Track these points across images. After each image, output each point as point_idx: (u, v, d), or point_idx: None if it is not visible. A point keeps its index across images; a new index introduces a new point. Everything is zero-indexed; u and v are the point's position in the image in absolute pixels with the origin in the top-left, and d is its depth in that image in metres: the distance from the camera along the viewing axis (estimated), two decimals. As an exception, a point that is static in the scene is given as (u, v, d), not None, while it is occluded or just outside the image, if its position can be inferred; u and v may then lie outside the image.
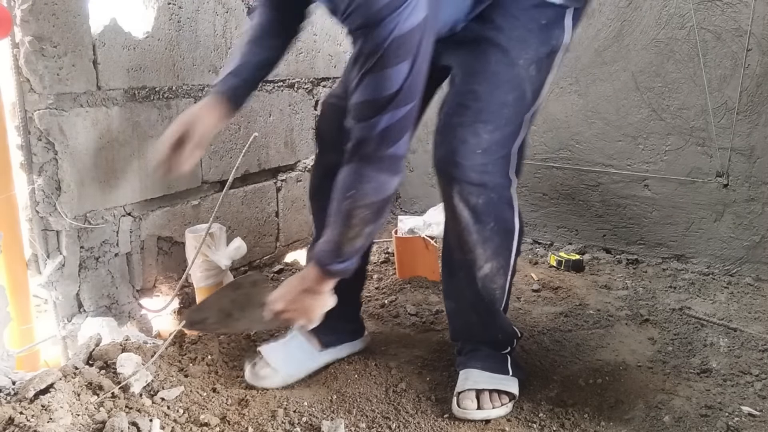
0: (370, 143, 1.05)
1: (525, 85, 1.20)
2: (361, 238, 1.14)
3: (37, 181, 1.44)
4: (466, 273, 1.30)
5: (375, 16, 0.94)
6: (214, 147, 1.89)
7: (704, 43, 2.00)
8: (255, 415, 1.29)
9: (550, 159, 2.36)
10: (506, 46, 1.17)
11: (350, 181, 1.09)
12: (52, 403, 1.19)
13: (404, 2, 0.94)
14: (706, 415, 1.31)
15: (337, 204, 1.12)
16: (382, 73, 0.99)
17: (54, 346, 1.51)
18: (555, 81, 2.25)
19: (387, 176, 1.09)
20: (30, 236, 1.46)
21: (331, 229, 1.14)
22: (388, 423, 1.28)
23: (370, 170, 1.08)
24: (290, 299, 1.22)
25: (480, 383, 1.33)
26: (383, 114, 1.02)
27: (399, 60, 0.97)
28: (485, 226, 1.23)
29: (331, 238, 1.14)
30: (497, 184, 1.23)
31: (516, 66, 1.18)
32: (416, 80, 1.02)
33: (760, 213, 2.03)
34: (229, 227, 1.94)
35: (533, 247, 2.39)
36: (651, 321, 1.76)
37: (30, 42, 1.36)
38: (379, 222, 1.14)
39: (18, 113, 1.39)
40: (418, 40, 0.98)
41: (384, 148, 1.06)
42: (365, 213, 1.10)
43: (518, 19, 1.17)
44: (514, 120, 1.21)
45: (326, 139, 1.42)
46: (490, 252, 1.26)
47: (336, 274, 1.18)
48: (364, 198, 1.09)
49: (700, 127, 2.07)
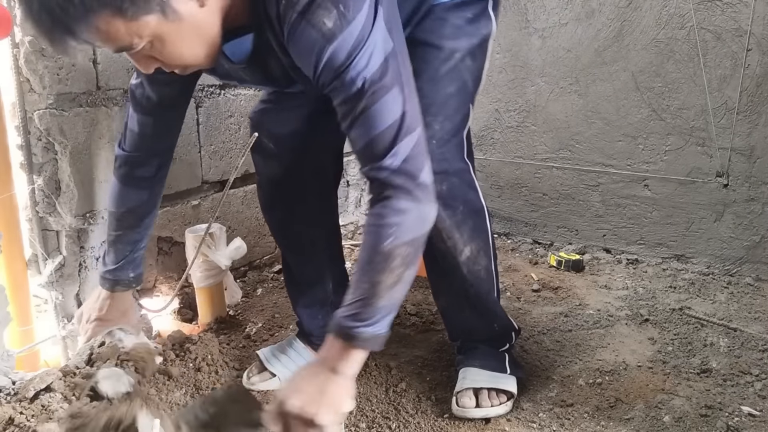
0: (396, 177, 0.96)
1: (465, 75, 1.24)
2: (401, 285, 0.98)
3: (37, 181, 1.44)
4: (449, 261, 1.30)
5: (343, 63, 0.92)
6: (214, 147, 1.89)
7: (704, 43, 2.00)
8: (255, 415, 1.29)
9: (550, 159, 2.36)
10: (439, 43, 1.21)
11: (387, 218, 0.96)
12: (52, 403, 1.19)
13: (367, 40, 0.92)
14: (706, 415, 1.31)
15: (371, 250, 0.96)
16: (370, 112, 0.95)
17: (54, 346, 1.51)
18: (555, 81, 2.27)
19: (425, 206, 0.99)
20: (30, 236, 1.46)
21: (358, 285, 0.97)
22: (388, 423, 1.28)
23: (408, 202, 0.97)
24: (307, 391, 0.95)
25: (478, 381, 1.33)
26: (396, 145, 0.96)
27: (383, 93, 0.95)
28: (455, 211, 1.25)
29: (360, 294, 0.96)
30: (457, 169, 1.26)
31: (452, 59, 1.22)
32: (412, 106, 0.99)
33: (760, 213, 2.03)
34: (229, 227, 1.94)
35: (533, 247, 2.39)
36: (651, 321, 1.76)
37: (30, 42, 1.36)
38: (416, 264, 1.01)
39: (18, 113, 1.39)
40: (394, 70, 0.96)
41: (413, 177, 0.97)
42: (408, 251, 0.97)
43: (446, 19, 1.21)
44: (461, 108, 1.26)
45: (267, 147, 1.39)
46: (467, 235, 1.28)
47: (366, 342, 0.96)
48: (407, 233, 0.97)
49: (700, 127, 2.07)
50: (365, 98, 0.94)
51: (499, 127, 2.44)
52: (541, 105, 2.33)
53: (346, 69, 0.92)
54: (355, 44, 0.92)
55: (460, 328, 1.42)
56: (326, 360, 0.98)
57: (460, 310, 1.38)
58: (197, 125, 1.82)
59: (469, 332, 1.41)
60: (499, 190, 2.50)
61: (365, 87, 0.93)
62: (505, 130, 2.43)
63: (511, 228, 2.51)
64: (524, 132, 2.39)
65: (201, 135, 1.84)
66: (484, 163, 2.50)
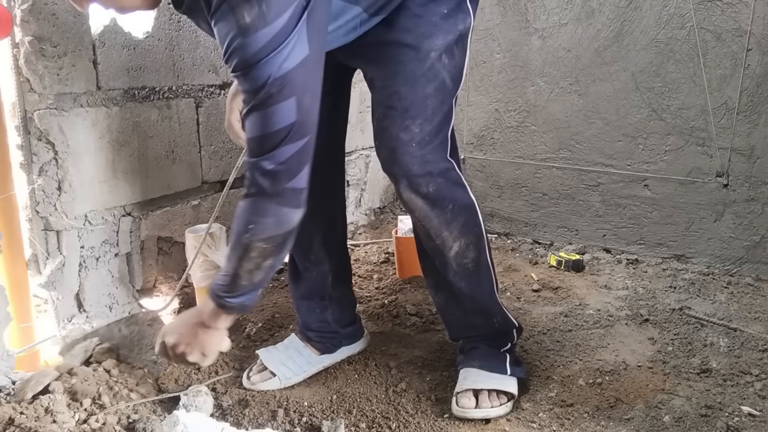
0: (267, 178, 1.03)
1: (442, 74, 1.23)
2: (261, 271, 1.10)
3: (37, 181, 1.44)
4: (440, 258, 1.32)
5: (252, 59, 0.95)
6: (214, 147, 1.89)
7: (704, 43, 2.00)
8: (255, 415, 1.29)
9: (550, 159, 2.36)
10: (415, 44, 1.20)
11: (249, 214, 1.07)
12: (52, 404, 1.19)
13: (281, 44, 0.95)
14: (706, 415, 1.31)
15: (236, 237, 1.08)
16: (266, 111, 0.99)
17: (54, 346, 1.51)
18: (555, 81, 2.27)
19: (288, 210, 1.07)
20: (30, 236, 1.46)
21: (228, 262, 1.10)
22: (388, 423, 1.28)
23: (270, 204, 1.06)
24: (183, 333, 1.16)
25: (478, 383, 1.33)
26: (278, 149, 1.01)
27: (283, 98, 0.98)
28: (444, 210, 1.26)
29: (228, 271, 1.10)
30: (442, 169, 1.26)
31: (428, 59, 1.21)
32: (308, 116, 1.03)
33: (760, 213, 2.03)
34: (229, 227, 1.94)
35: (533, 247, 2.39)
36: (651, 321, 1.76)
37: (30, 42, 1.36)
38: (280, 256, 1.11)
39: (18, 113, 1.39)
40: (302, 78, 1.00)
41: (283, 181, 1.04)
42: (265, 247, 1.07)
43: (421, 16, 1.20)
44: (441, 108, 1.24)
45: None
46: (457, 231, 1.28)
47: (232, 309, 1.14)
48: (264, 231, 1.06)
49: (700, 127, 2.07)
50: (264, 98, 0.98)
51: (499, 127, 2.44)
52: (541, 105, 2.33)
53: (255, 65, 0.96)
54: (268, 45, 0.95)
55: (458, 325, 1.42)
56: (201, 314, 1.16)
57: (455, 307, 1.39)
58: (197, 125, 1.82)
59: (467, 329, 1.41)
60: (499, 190, 2.50)
61: (268, 88, 0.97)
62: (505, 130, 2.43)
63: (511, 228, 2.51)
64: (524, 132, 2.39)
65: (201, 135, 1.84)
66: (484, 163, 2.50)
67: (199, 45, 1.79)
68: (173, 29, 1.71)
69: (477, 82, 2.44)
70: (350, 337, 1.55)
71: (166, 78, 1.71)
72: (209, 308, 1.14)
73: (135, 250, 1.68)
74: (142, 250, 1.70)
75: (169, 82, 1.72)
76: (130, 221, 1.65)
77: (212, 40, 1.83)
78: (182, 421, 1.11)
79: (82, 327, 1.52)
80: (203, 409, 1.27)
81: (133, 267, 1.68)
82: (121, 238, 1.63)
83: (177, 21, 1.72)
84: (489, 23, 2.37)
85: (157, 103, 1.69)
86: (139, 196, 1.67)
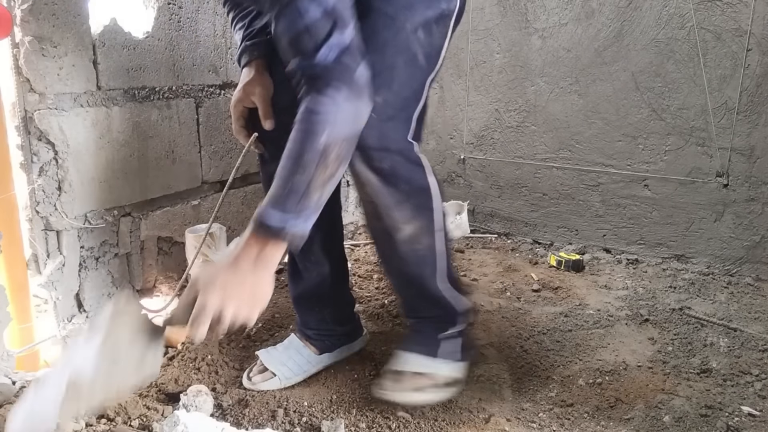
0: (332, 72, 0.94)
1: (414, 47, 1.18)
2: (333, 180, 0.99)
3: (37, 181, 1.44)
4: (388, 240, 1.26)
5: None
6: (214, 147, 1.89)
7: (704, 43, 2.00)
8: (255, 415, 1.29)
9: (550, 159, 2.36)
10: (392, 13, 1.15)
11: (324, 110, 0.95)
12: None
13: None
14: (706, 415, 1.31)
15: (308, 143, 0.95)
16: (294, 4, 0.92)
17: (54, 346, 1.51)
18: (555, 81, 2.27)
19: (361, 103, 0.98)
20: (30, 236, 1.46)
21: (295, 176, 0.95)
22: (388, 423, 1.28)
23: (344, 97, 0.96)
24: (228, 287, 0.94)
25: (401, 364, 1.32)
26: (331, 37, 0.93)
27: None
28: (397, 188, 1.19)
29: (296, 187, 0.95)
30: (400, 147, 1.19)
31: (403, 30, 1.16)
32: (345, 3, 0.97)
33: (760, 213, 2.03)
34: (229, 227, 1.94)
35: (533, 247, 2.39)
36: (651, 321, 1.76)
37: (30, 42, 1.36)
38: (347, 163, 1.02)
39: (18, 113, 1.39)
40: None
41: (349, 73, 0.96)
42: (342, 149, 0.97)
43: None
44: (409, 84, 1.19)
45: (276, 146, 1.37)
46: (408, 213, 1.22)
47: (294, 237, 0.97)
48: (343, 128, 0.97)
49: (700, 127, 2.07)
50: None
51: (499, 127, 2.44)
52: (541, 105, 2.33)
53: None
54: None
55: (406, 304, 1.41)
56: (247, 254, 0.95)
57: (401, 288, 1.37)
58: (197, 125, 1.82)
59: (415, 311, 1.39)
60: (499, 190, 2.50)
61: None
62: (505, 130, 2.43)
63: (511, 228, 2.51)
64: (524, 132, 2.40)
65: (201, 135, 1.84)
66: (484, 163, 2.50)
67: (199, 45, 1.79)
68: (173, 29, 1.71)
69: (477, 82, 2.45)
70: (349, 335, 1.55)
71: (166, 78, 1.71)
72: (260, 242, 0.96)
73: (135, 250, 1.68)
74: (142, 250, 1.70)
75: (169, 82, 1.72)
76: (130, 221, 1.65)
77: (212, 40, 1.83)
78: (182, 421, 1.11)
79: (82, 327, 1.52)
80: (203, 409, 1.27)
81: (132, 267, 1.68)
82: (120, 238, 1.63)
83: (177, 21, 1.72)
84: (489, 23, 2.37)
85: (157, 103, 1.69)
86: (139, 196, 1.67)
